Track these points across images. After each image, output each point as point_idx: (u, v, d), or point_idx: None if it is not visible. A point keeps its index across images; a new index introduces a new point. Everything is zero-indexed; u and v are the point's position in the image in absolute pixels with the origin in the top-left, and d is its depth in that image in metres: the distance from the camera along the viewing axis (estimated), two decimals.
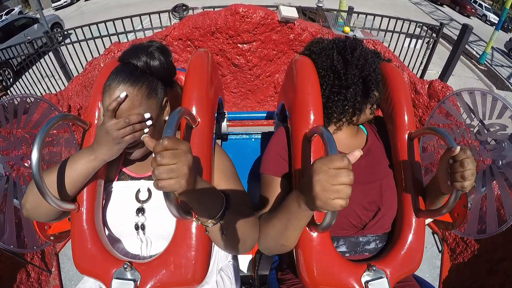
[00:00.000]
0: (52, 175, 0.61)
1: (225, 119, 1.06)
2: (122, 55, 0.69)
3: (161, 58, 0.68)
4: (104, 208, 0.71)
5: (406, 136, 0.73)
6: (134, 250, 0.74)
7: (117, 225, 0.71)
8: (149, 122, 0.64)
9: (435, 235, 0.98)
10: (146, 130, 0.65)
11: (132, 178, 0.74)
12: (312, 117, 0.67)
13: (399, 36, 3.37)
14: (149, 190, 0.71)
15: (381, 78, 0.76)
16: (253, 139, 1.22)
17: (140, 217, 0.69)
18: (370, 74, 0.72)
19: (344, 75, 0.72)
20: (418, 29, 3.40)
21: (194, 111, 0.67)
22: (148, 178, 0.73)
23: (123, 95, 0.61)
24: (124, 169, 0.75)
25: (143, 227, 0.69)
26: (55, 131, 0.96)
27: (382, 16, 3.24)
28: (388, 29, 3.32)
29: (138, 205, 0.70)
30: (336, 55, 0.74)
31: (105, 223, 0.70)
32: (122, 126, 0.60)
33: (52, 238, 0.80)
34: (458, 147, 0.56)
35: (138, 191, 0.71)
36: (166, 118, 0.70)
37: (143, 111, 0.63)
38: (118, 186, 0.73)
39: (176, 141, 0.44)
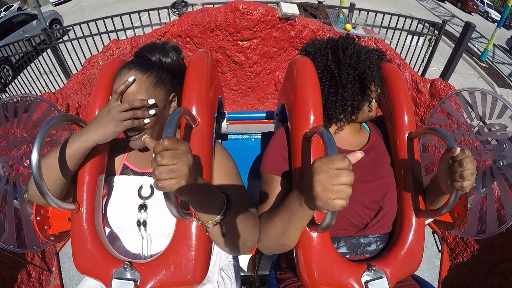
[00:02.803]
0: (48, 158, 0.61)
1: (225, 119, 1.06)
2: (138, 50, 0.75)
3: (174, 57, 0.73)
4: (106, 203, 0.71)
5: (406, 136, 0.73)
6: (135, 247, 0.73)
7: (118, 221, 0.71)
8: (152, 111, 0.65)
9: (435, 234, 0.99)
10: (147, 120, 0.65)
11: (135, 173, 0.74)
12: (312, 117, 0.67)
13: (400, 33, 3.35)
14: (151, 187, 0.71)
15: (378, 74, 0.76)
16: (253, 139, 1.22)
17: (143, 213, 0.69)
18: (365, 71, 0.72)
19: (339, 75, 0.72)
20: (420, 26, 3.37)
21: (194, 111, 0.66)
22: (151, 174, 0.73)
23: (131, 79, 0.63)
24: (127, 163, 0.76)
25: (145, 223, 0.69)
26: (54, 131, 0.95)
27: (384, 13, 3.22)
28: (390, 26, 3.30)
29: (140, 201, 0.70)
30: (330, 56, 0.74)
31: (106, 219, 0.70)
32: (125, 109, 0.61)
33: (52, 238, 0.80)
34: (458, 148, 0.56)
35: (141, 187, 0.71)
36: None
37: (148, 98, 0.65)
38: (120, 180, 0.73)
39: (176, 141, 0.43)
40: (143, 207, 0.69)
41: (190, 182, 0.45)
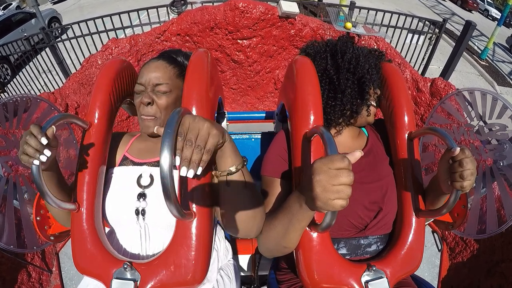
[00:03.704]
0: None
1: (225, 119, 1.06)
2: (164, 51, 0.85)
3: None
4: (105, 193, 0.71)
5: (406, 136, 0.73)
6: (133, 239, 0.73)
7: (117, 211, 0.70)
8: (43, 158, 0.52)
9: (434, 234, 0.99)
10: (43, 158, 0.52)
11: (134, 164, 0.75)
12: (312, 117, 0.67)
13: (401, 31, 3.34)
14: (151, 176, 0.72)
15: (377, 76, 0.76)
16: (253, 139, 1.22)
17: (141, 202, 0.69)
18: (364, 75, 0.72)
19: (337, 80, 0.72)
20: (420, 24, 3.36)
21: (194, 111, 0.66)
22: (151, 164, 0.74)
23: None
24: (127, 155, 0.77)
25: (143, 212, 0.69)
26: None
27: (384, 11, 3.21)
28: (390, 24, 3.29)
29: (140, 190, 0.70)
30: (329, 60, 0.74)
31: (104, 210, 0.70)
32: (24, 140, 0.51)
33: (52, 238, 0.80)
34: (458, 148, 0.55)
35: (140, 176, 0.72)
36: None
37: (170, 84, 0.75)
38: (118, 171, 0.74)
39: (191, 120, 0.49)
40: (142, 195, 0.69)
41: (223, 134, 0.53)
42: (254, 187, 0.62)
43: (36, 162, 0.51)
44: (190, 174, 0.47)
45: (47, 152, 0.52)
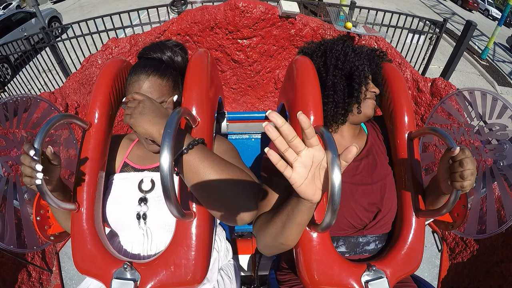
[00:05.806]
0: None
1: (225, 119, 1.06)
2: (144, 50, 0.74)
3: (182, 54, 0.76)
4: (106, 199, 0.71)
5: (406, 136, 0.73)
6: (134, 241, 0.73)
7: (118, 215, 0.71)
8: (38, 181, 0.52)
9: (435, 234, 0.99)
10: (38, 181, 0.52)
11: (135, 170, 0.75)
12: (312, 117, 0.67)
13: (401, 31, 3.34)
14: (152, 181, 0.72)
15: (371, 73, 0.75)
16: (253, 139, 1.22)
17: (143, 206, 0.70)
18: (353, 72, 0.71)
19: (326, 77, 0.72)
20: (420, 24, 3.36)
21: (194, 111, 0.66)
22: (152, 169, 0.74)
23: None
24: (128, 161, 0.76)
25: (144, 216, 0.69)
26: (53, 131, 0.95)
27: (385, 11, 3.20)
28: (390, 24, 3.29)
29: (141, 195, 0.71)
30: (320, 57, 0.75)
31: (106, 215, 0.70)
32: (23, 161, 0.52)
33: (52, 238, 0.81)
34: (458, 148, 0.55)
35: (141, 181, 0.72)
36: None
37: (168, 101, 0.69)
38: (119, 177, 0.74)
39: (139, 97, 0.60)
40: (143, 200, 0.70)
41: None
42: (216, 161, 0.56)
43: (38, 181, 0.52)
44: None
45: (40, 175, 0.51)
